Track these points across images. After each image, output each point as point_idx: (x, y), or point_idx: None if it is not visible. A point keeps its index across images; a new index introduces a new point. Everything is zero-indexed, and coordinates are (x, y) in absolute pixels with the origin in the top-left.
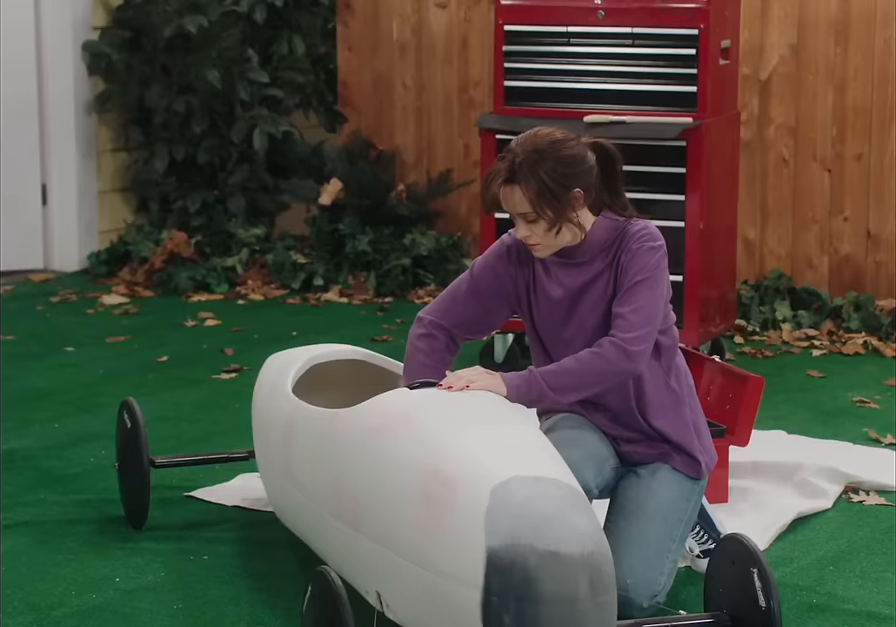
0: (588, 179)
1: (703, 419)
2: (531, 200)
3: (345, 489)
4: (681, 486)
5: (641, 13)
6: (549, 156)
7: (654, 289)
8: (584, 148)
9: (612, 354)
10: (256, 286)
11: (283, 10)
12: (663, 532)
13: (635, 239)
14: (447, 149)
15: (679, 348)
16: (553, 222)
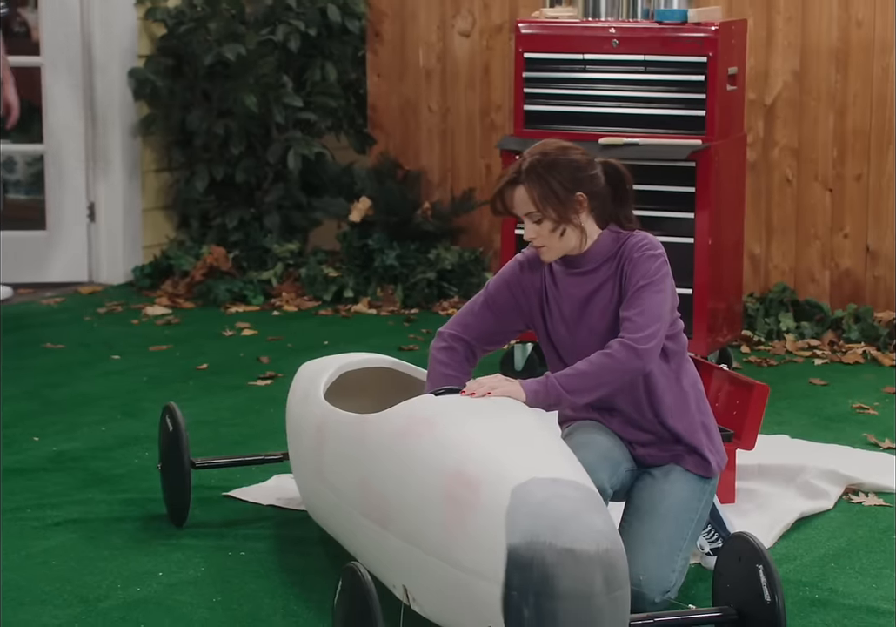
0: (592, 186)
1: (714, 421)
2: (535, 199)
3: (373, 489)
4: (692, 487)
5: (653, 42)
6: (555, 159)
7: (657, 292)
8: (590, 159)
9: (622, 353)
10: (290, 298)
11: (317, 39)
12: (675, 531)
13: (637, 248)
14: (470, 169)
15: (689, 356)
16: (557, 222)
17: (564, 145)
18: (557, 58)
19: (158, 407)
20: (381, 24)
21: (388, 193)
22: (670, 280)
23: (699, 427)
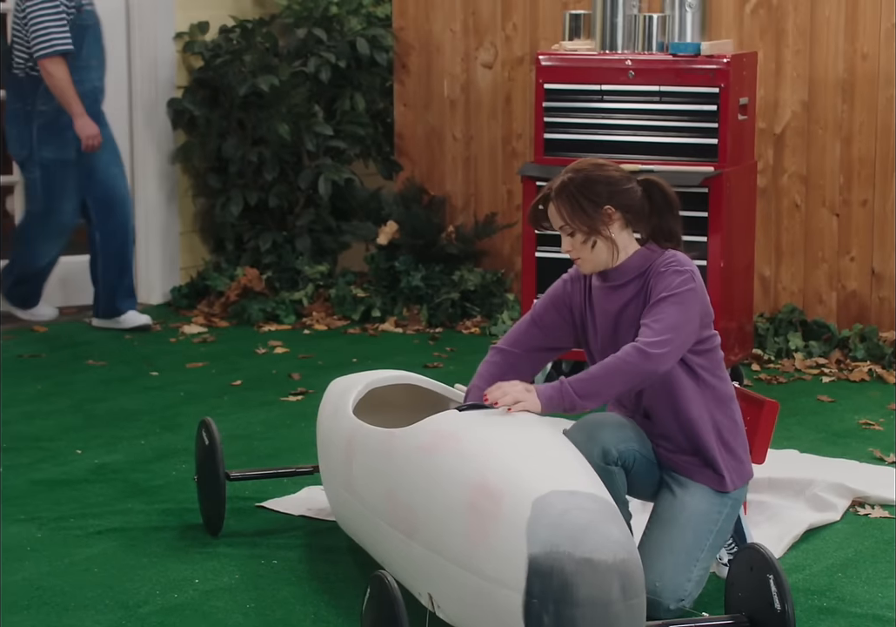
0: (624, 200)
1: (742, 440)
2: (565, 214)
3: (400, 501)
4: (712, 500)
5: (668, 73)
6: (586, 176)
7: (677, 304)
8: (625, 175)
9: (633, 356)
10: (321, 317)
11: (346, 70)
12: (692, 542)
13: (663, 264)
14: (492, 194)
15: (724, 378)
16: (587, 235)
17: (598, 162)
18: (576, 88)
19: (195, 422)
20: (408, 56)
21: (414, 218)
22: (696, 297)
23: (719, 443)
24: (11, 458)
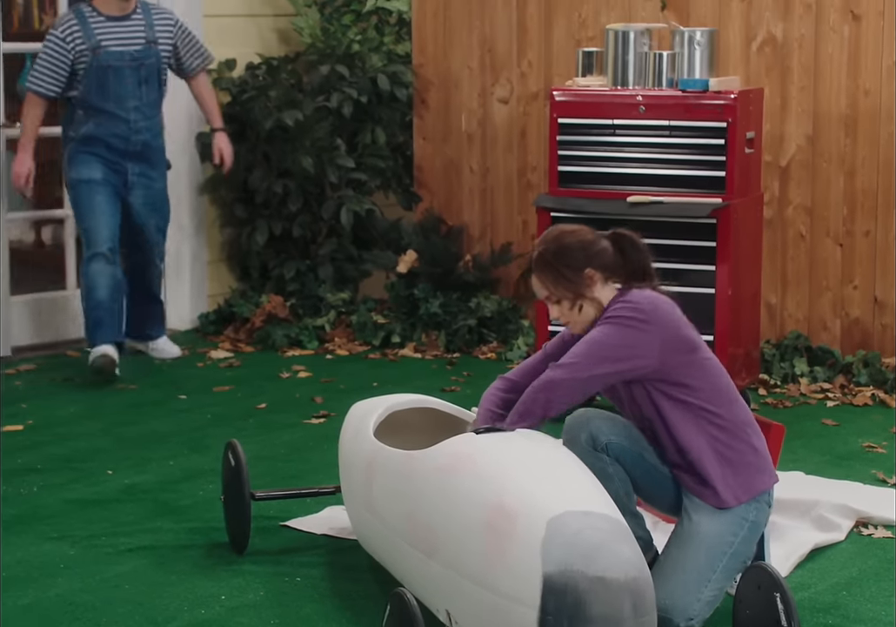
0: (599, 260)
1: (746, 455)
2: (548, 284)
3: (419, 520)
4: (727, 521)
5: (677, 108)
6: (559, 244)
7: (602, 333)
8: (591, 235)
9: (544, 377)
10: (342, 343)
11: (368, 105)
12: (705, 563)
13: (615, 301)
14: (508, 225)
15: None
16: (573, 300)
17: (567, 229)
18: (589, 123)
19: (221, 443)
20: (427, 91)
21: (433, 247)
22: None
23: (716, 464)
24: (46, 478)
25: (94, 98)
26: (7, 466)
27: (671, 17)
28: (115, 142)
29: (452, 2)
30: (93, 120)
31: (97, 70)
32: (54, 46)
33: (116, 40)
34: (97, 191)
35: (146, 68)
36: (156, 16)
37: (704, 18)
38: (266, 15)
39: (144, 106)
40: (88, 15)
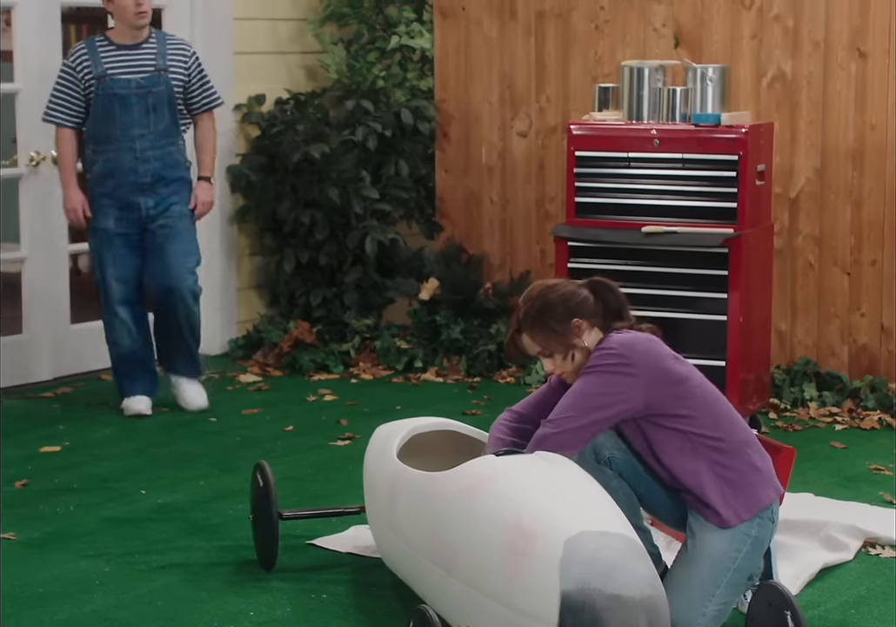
0: (583, 309)
1: (753, 476)
2: (539, 341)
3: (441, 539)
4: (730, 539)
5: (690, 142)
6: (543, 301)
7: (585, 383)
8: (572, 286)
9: (539, 435)
10: (367, 367)
11: (392, 138)
12: (708, 578)
13: (597, 349)
14: (526, 253)
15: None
16: (564, 352)
17: (548, 284)
18: (605, 156)
19: (250, 465)
20: (449, 125)
21: (454, 275)
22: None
23: (716, 487)
24: (82, 498)
25: (101, 127)
26: (45, 485)
27: (684, 54)
28: (123, 175)
29: (473, 39)
30: (101, 156)
31: (103, 98)
32: (65, 75)
33: (123, 68)
34: (111, 241)
35: (154, 96)
36: (170, 45)
37: (716, 55)
38: (294, 52)
39: (153, 135)
40: (99, 44)
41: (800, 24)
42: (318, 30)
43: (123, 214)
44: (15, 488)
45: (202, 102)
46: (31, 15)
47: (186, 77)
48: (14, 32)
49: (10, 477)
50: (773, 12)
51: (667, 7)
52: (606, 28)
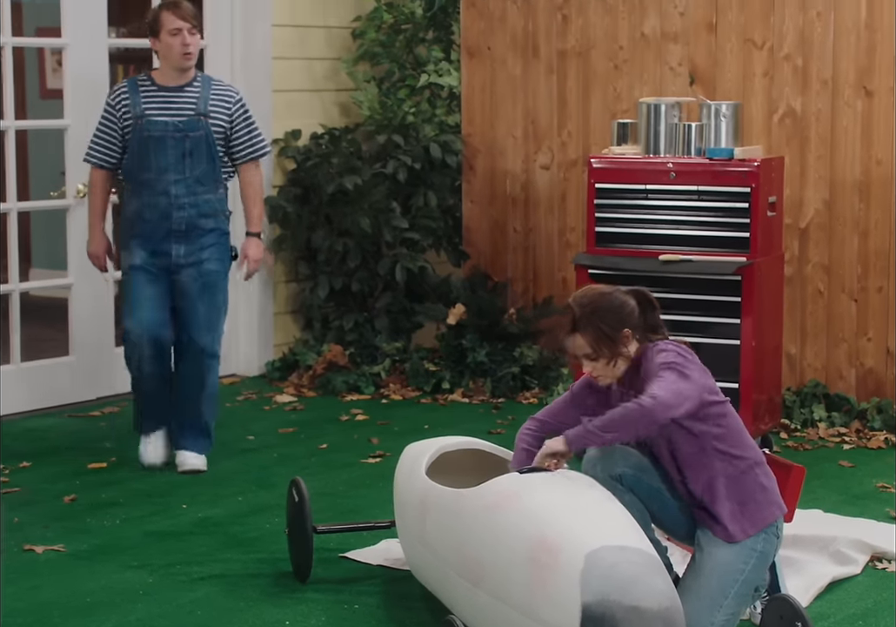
0: (632, 320)
1: (761, 495)
2: (591, 343)
3: (468, 553)
4: (737, 551)
5: (705, 175)
6: (598, 305)
7: (671, 370)
8: (624, 296)
9: (646, 402)
10: (397, 389)
11: (421, 171)
12: (716, 589)
13: (647, 354)
14: (549, 280)
15: (744, 446)
16: (610, 358)
17: (602, 291)
18: (624, 188)
19: (286, 481)
20: (475, 159)
21: (480, 300)
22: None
23: (726, 504)
24: (127, 512)
25: (136, 169)
26: (92, 500)
27: (699, 91)
28: (156, 220)
29: (498, 77)
30: (136, 197)
31: (139, 140)
32: (105, 114)
33: (162, 110)
34: (138, 281)
35: (192, 140)
36: (215, 89)
37: (729, 93)
38: (329, 90)
39: (189, 181)
40: (141, 84)
41: (809, 63)
42: (352, 68)
43: (154, 260)
44: (64, 502)
45: (246, 151)
46: (81, 55)
47: (229, 123)
48: (65, 72)
49: (59, 492)
50: (784, 52)
51: (682, 47)
52: (625, 67)
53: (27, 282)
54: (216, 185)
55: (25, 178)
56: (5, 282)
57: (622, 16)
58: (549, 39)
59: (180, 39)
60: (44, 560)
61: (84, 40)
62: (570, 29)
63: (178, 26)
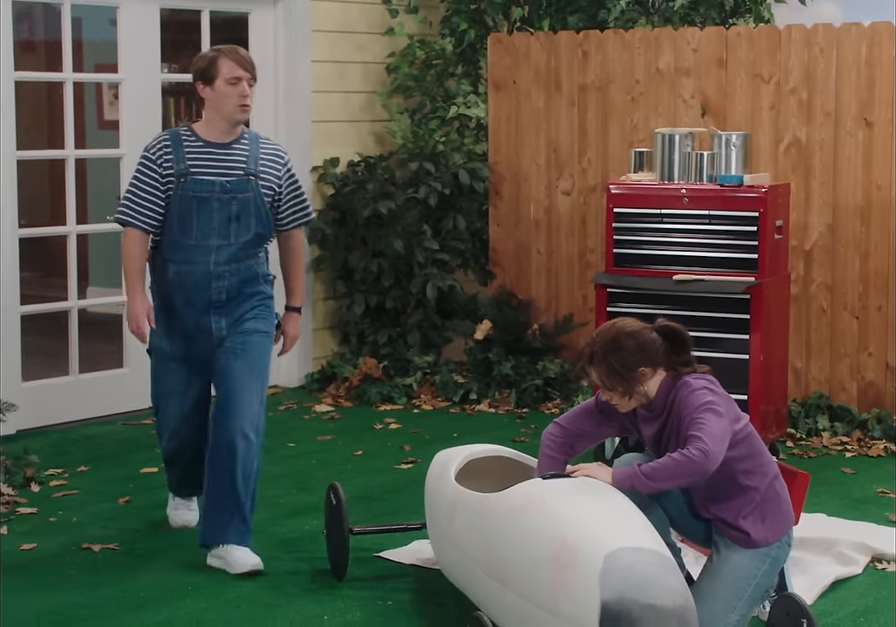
0: (654, 359)
1: (778, 505)
2: (603, 379)
3: (494, 553)
4: (751, 557)
5: (716, 199)
6: (619, 346)
7: (713, 412)
8: (650, 334)
9: (698, 457)
10: (427, 399)
11: (450, 196)
12: (732, 592)
13: (681, 393)
14: (570, 299)
15: (764, 464)
16: (625, 393)
17: (625, 329)
18: (640, 212)
19: (324, 485)
20: (501, 185)
21: (505, 317)
22: (722, 402)
23: (751, 518)
24: None
25: (175, 233)
26: (144, 502)
27: (710, 122)
28: (194, 290)
29: (523, 109)
30: (172, 266)
31: (181, 200)
32: (144, 170)
33: (209, 168)
34: (171, 368)
35: (239, 203)
36: (264, 148)
37: (739, 124)
38: (364, 120)
39: (234, 248)
40: (185, 137)
41: (813, 96)
42: (386, 101)
43: (189, 336)
44: (119, 504)
45: (294, 216)
46: (136, 89)
47: (278, 186)
48: (121, 104)
49: (114, 495)
50: (790, 86)
51: (695, 81)
52: (641, 99)
53: (85, 299)
54: (260, 250)
55: (84, 202)
56: (65, 299)
57: (638, 52)
58: (571, 74)
59: (239, 90)
60: (101, 558)
61: (139, 76)
62: (590, 64)
63: (237, 75)
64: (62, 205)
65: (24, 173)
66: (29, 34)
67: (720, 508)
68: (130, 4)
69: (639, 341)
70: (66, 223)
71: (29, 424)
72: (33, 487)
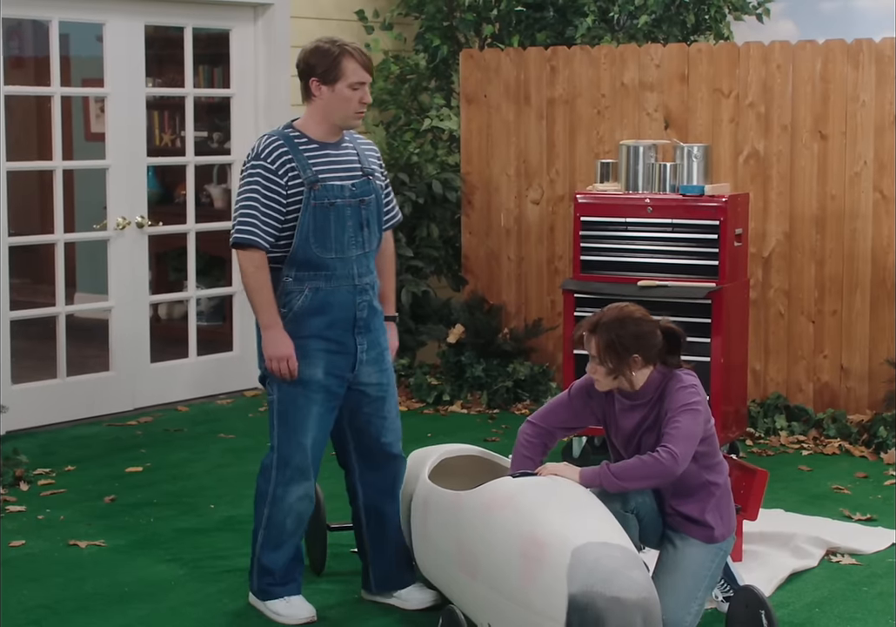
0: (648, 349)
1: (729, 502)
2: (600, 350)
3: (466, 549)
4: (706, 551)
5: (679, 209)
6: (626, 326)
7: (690, 413)
8: (653, 327)
9: (666, 459)
10: (402, 401)
11: (424, 205)
12: (692, 584)
13: (672, 386)
14: (539, 303)
15: (721, 462)
16: (611, 372)
17: (635, 315)
18: (606, 220)
19: None
20: (473, 194)
21: (477, 321)
22: (702, 405)
23: (715, 513)
24: (160, 511)
25: (312, 249)
26: (129, 500)
27: (673, 134)
28: (340, 312)
29: (494, 122)
30: (307, 285)
31: (314, 211)
32: (261, 181)
33: (334, 172)
34: (313, 397)
35: (367, 207)
36: (362, 144)
37: (700, 136)
38: None
39: (368, 257)
40: (297, 140)
41: (770, 110)
42: None
43: (334, 361)
44: (104, 502)
45: (388, 217)
46: (121, 103)
47: (385, 185)
48: (107, 117)
49: (100, 493)
50: (749, 100)
51: (658, 95)
52: (607, 113)
53: (72, 305)
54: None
55: (71, 212)
56: (52, 305)
57: (604, 68)
58: (539, 88)
59: (360, 95)
60: (87, 554)
61: (124, 90)
62: (558, 79)
63: (362, 80)
64: (50, 214)
65: (14, 184)
66: (18, 50)
67: (683, 503)
68: (116, 21)
69: (643, 329)
70: (55, 232)
71: (18, 425)
72: (22, 486)
